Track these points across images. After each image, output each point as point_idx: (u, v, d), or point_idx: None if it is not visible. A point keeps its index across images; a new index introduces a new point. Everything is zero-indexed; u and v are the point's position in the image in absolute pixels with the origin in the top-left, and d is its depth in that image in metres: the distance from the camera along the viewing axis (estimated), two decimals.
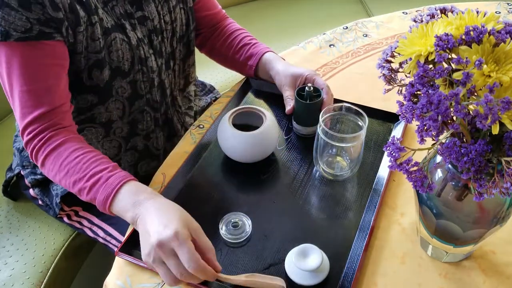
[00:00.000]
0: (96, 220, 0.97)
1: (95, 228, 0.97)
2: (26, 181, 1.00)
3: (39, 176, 0.98)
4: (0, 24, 0.69)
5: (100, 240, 0.97)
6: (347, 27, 1.18)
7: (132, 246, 0.71)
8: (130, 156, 0.97)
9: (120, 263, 0.70)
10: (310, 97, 0.84)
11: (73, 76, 0.81)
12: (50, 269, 0.96)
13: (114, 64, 0.83)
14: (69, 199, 0.96)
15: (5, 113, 1.32)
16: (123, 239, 0.93)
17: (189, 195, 0.79)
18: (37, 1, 0.70)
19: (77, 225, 0.99)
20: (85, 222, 0.98)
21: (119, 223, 0.94)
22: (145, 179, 0.99)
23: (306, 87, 0.85)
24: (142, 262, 0.68)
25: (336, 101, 0.90)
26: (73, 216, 0.99)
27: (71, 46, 0.77)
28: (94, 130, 0.90)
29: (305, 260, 0.66)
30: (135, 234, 0.72)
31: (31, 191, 1.01)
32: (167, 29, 0.91)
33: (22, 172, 1.01)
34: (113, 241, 0.95)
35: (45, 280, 0.94)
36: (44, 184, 1.00)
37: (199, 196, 0.79)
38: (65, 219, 0.99)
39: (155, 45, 0.89)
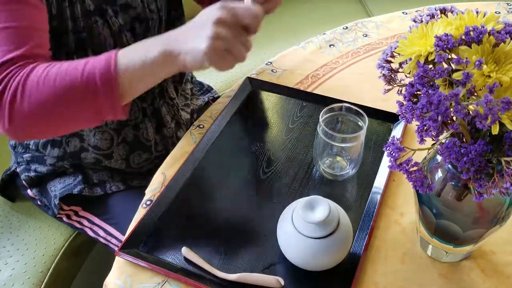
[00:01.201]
0: (96, 220, 0.98)
1: (95, 228, 0.97)
2: (23, 180, 1.00)
3: (32, 173, 0.98)
4: None
5: (101, 240, 0.97)
6: (347, 27, 1.18)
7: (132, 245, 0.71)
8: (122, 149, 0.96)
9: (120, 263, 0.70)
10: None
11: (63, 56, 0.80)
12: (51, 269, 0.96)
13: (96, 48, 0.81)
14: (68, 199, 0.96)
15: None
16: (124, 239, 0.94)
17: (189, 195, 0.79)
18: None
19: (77, 225, 0.99)
20: (85, 222, 0.98)
21: (120, 223, 0.94)
22: (138, 173, 1.00)
23: None
24: (143, 262, 0.68)
25: (336, 101, 0.90)
26: (73, 216, 0.99)
27: (60, 22, 0.76)
28: None
29: (313, 212, 0.65)
30: (135, 234, 0.73)
31: (29, 191, 1.01)
32: (153, 18, 0.89)
33: (17, 170, 1.01)
34: (114, 241, 0.95)
35: (45, 280, 0.95)
36: (41, 183, 0.99)
37: (199, 196, 0.79)
38: (65, 219, 0.99)
39: (138, 33, 0.87)
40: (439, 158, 0.60)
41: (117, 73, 0.64)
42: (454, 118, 0.49)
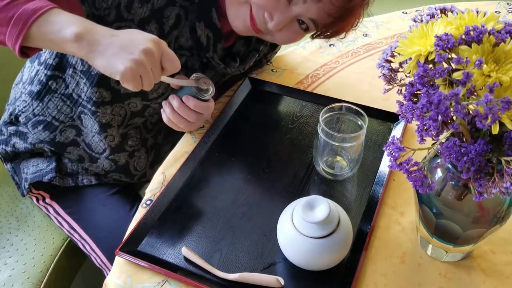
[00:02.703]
0: (61, 212, 0.97)
1: (60, 219, 0.98)
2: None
3: (10, 148, 0.98)
4: None
5: (65, 231, 0.98)
6: None
7: (132, 245, 0.71)
8: (107, 164, 0.97)
9: (120, 262, 0.70)
10: None
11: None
12: (50, 269, 0.96)
13: None
14: (37, 182, 0.96)
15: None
16: (86, 236, 0.94)
17: (189, 194, 0.79)
18: None
19: (44, 210, 1.00)
20: (51, 210, 0.98)
21: (84, 219, 0.94)
22: (113, 186, 1.00)
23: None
24: (143, 262, 0.68)
25: (336, 100, 0.90)
26: (41, 200, 1.00)
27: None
28: (93, 122, 0.90)
29: (312, 212, 0.65)
30: (135, 234, 0.73)
31: (4, 165, 1.02)
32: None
33: None
34: (76, 236, 0.95)
35: (44, 280, 0.94)
36: (15, 160, 1.00)
37: (199, 196, 0.79)
38: (34, 200, 1.00)
39: None
40: (439, 157, 0.60)
41: (34, 21, 0.64)
42: (454, 117, 0.49)
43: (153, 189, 0.80)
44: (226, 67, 0.89)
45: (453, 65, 0.49)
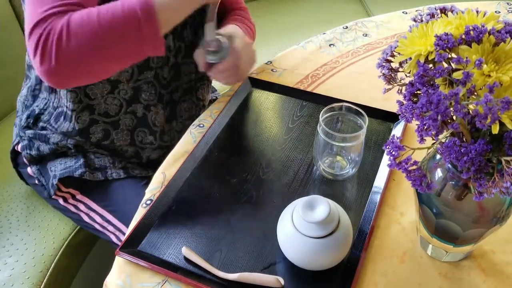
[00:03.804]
0: (94, 206, 0.97)
1: (92, 214, 0.97)
2: (23, 156, 1.00)
3: (34, 152, 0.98)
4: None
5: (97, 226, 0.97)
6: (347, 27, 1.18)
7: (132, 245, 0.71)
8: (128, 119, 0.96)
9: (120, 262, 0.70)
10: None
11: None
12: (50, 269, 0.96)
13: None
14: (67, 181, 0.96)
15: (5, 113, 1.32)
16: (122, 226, 0.94)
17: (189, 194, 0.79)
18: None
19: (73, 209, 0.99)
20: (82, 207, 0.98)
21: (119, 210, 0.94)
22: (139, 158, 1.00)
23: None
24: (143, 262, 0.68)
25: (336, 100, 0.90)
26: (70, 199, 0.98)
27: None
28: (101, 85, 0.90)
29: (313, 212, 0.65)
30: (135, 233, 0.73)
31: (28, 169, 1.01)
32: (191, 16, 0.90)
33: (19, 146, 1.01)
34: (111, 228, 0.95)
35: (45, 280, 0.95)
36: (41, 162, 0.99)
37: (199, 196, 0.79)
38: (61, 201, 0.99)
39: (176, 27, 0.89)
40: (438, 157, 0.60)
41: (154, 4, 0.71)
42: (454, 117, 0.49)
43: (153, 188, 0.80)
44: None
45: (453, 65, 0.49)
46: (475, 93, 0.48)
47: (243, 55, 0.88)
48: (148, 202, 0.78)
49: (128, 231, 0.74)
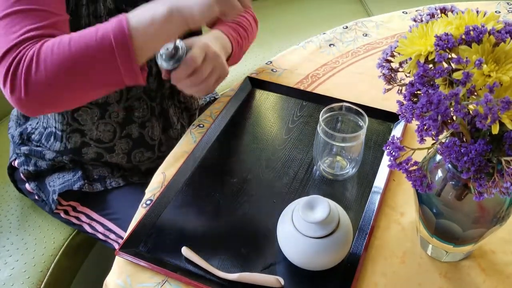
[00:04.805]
0: (95, 216, 0.97)
1: (94, 224, 0.97)
2: (20, 172, 1.00)
3: (32, 167, 0.97)
4: None
5: (99, 236, 0.97)
6: (347, 27, 1.18)
7: (132, 245, 0.71)
8: (124, 143, 0.96)
9: (120, 262, 0.70)
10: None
11: None
12: (50, 269, 0.96)
13: None
14: (66, 194, 0.96)
15: (4, 113, 1.32)
16: (123, 234, 0.94)
17: (189, 194, 0.79)
18: None
19: (75, 221, 0.99)
20: (83, 218, 0.98)
21: (120, 218, 0.94)
22: (138, 171, 1.00)
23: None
24: (143, 262, 0.68)
25: (336, 100, 0.90)
26: (71, 212, 0.98)
27: (75, 21, 0.77)
28: (90, 111, 0.89)
29: (312, 212, 0.65)
30: (135, 234, 0.73)
31: (27, 185, 1.01)
32: None
33: (16, 162, 1.01)
34: (113, 236, 0.95)
35: (45, 280, 0.95)
36: (39, 178, 0.99)
37: (199, 196, 0.79)
38: (62, 214, 0.99)
39: None
40: (439, 157, 0.60)
41: (129, 30, 0.66)
42: (454, 117, 0.49)
43: (153, 189, 0.80)
44: None
45: (453, 65, 0.49)
46: (475, 93, 0.48)
47: (205, 66, 0.79)
48: (148, 202, 0.78)
49: (128, 231, 0.74)
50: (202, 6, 0.67)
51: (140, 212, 0.76)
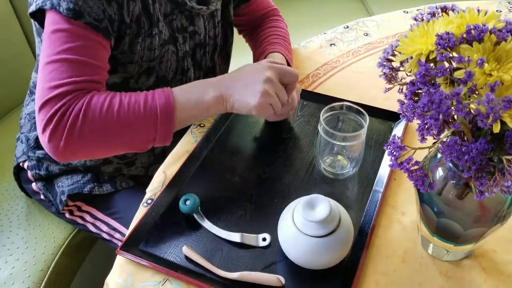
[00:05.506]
0: (99, 215, 0.97)
1: (98, 223, 0.97)
2: (29, 174, 0.99)
3: (43, 172, 0.97)
4: (77, 3, 0.69)
5: (104, 235, 0.97)
6: (347, 26, 1.18)
7: (133, 244, 0.71)
8: (145, 157, 0.97)
9: (121, 261, 0.70)
10: None
11: (120, 79, 0.84)
12: (51, 268, 0.96)
13: (161, 72, 0.87)
14: (74, 194, 0.96)
15: (4, 112, 1.32)
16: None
17: (189, 194, 0.79)
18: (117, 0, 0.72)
19: (79, 221, 0.99)
20: (88, 217, 0.98)
21: (126, 217, 0.94)
22: (148, 175, 1.00)
23: None
24: (144, 261, 0.69)
25: (337, 100, 0.90)
26: (76, 211, 0.98)
27: (126, 57, 0.80)
28: None
29: (313, 211, 0.65)
30: (136, 233, 0.73)
31: (33, 185, 1.01)
32: (209, 43, 0.94)
33: (25, 164, 1.00)
34: (118, 235, 0.95)
35: (45, 279, 0.95)
36: (48, 179, 0.99)
37: (200, 195, 0.79)
38: (67, 214, 0.99)
39: (197, 58, 0.93)
40: (440, 156, 0.60)
41: (176, 109, 0.74)
42: (455, 116, 0.49)
43: (154, 188, 0.80)
44: (208, 7, 0.89)
45: (455, 64, 0.49)
46: (477, 92, 0.48)
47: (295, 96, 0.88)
48: (149, 201, 0.78)
49: (129, 230, 0.74)
50: (245, 107, 0.76)
51: (141, 211, 0.76)
